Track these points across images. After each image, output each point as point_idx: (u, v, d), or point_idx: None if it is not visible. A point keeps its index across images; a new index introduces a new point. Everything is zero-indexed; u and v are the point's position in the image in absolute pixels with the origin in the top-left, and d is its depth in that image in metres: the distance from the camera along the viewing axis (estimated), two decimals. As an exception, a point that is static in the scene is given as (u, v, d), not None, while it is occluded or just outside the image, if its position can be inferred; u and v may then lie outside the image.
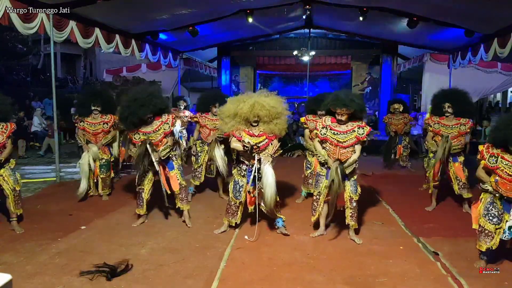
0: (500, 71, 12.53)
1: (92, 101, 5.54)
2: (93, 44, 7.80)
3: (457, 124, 5.09)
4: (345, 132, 4.04)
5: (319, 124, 4.19)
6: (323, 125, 4.15)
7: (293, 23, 11.36)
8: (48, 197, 5.77)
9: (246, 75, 14.98)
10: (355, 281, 3.22)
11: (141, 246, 3.92)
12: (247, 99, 4.06)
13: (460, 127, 5.08)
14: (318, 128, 4.17)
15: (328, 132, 4.10)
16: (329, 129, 4.10)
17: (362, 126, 4.03)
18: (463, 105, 5.10)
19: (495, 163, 3.37)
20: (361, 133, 4.01)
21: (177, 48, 11.52)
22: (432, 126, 5.24)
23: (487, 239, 3.41)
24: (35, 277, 3.21)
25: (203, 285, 3.13)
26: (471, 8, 7.23)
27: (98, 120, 5.60)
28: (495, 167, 3.37)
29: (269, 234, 4.27)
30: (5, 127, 4.15)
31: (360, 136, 4.01)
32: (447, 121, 5.14)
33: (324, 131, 4.12)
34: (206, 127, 5.83)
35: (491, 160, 3.40)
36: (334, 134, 4.06)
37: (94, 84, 16.21)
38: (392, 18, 9.00)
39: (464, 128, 5.08)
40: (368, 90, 14.50)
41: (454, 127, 5.09)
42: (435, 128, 5.21)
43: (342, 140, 4.03)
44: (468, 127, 5.09)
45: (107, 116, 5.65)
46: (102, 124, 5.60)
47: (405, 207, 5.31)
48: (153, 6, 7.69)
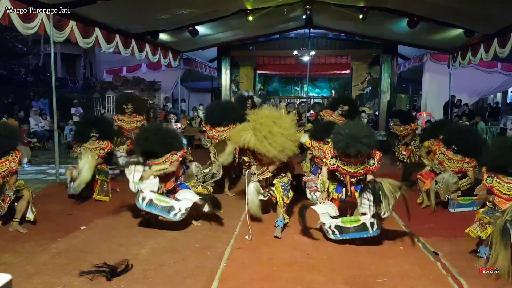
0: (500, 71, 12.55)
1: (91, 129, 5.69)
2: (93, 44, 7.80)
3: (461, 161, 5.27)
4: (355, 164, 3.98)
5: (328, 153, 4.10)
6: (332, 155, 4.06)
7: (293, 23, 11.35)
8: (48, 197, 5.77)
9: (246, 75, 14.98)
10: (355, 281, 3.22)
11: (141, 246, 3.92)
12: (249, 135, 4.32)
13: (463, 164, 5.27)
14: (327, 158, 4.09)
15: (338, 162, 4.04)
16: (339, 159, 4.03)
17: (373, 156, 3.95)
18: (470, 146, 5.19)
19: (491, 183, 3.62)
20: (372, 164, 3.96)
21: (177, 48, 11.52)
22: (438, 155, 5.46)
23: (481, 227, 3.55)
24: (35, 277, 3.21)
25: (203, 285, 3.13)
26: (471, 8, 7.23)
27: (95, 146, 5.75)
28: (491, 186, 3.62)
29: (269, 234, 4.27)
30: (15, 155, 4.42)
31: (371, 167, 3.97)
32: (452, 155, 5.33)
33: (334, 161, 4.05)
34: (213, 138, 6.00)
35: (488, 180, 3.65)
36: (344, 165, 4.01)
37: (94, 84, 16.22)
38: (392, 18, 9.00)
39: (466, 166, 5.27)
40: (368, 90, 14.50)
41: (458, 163, 5.29)
42: (439, 158, 5.42)
43: (353, 171, 3.99)
44: (470, 166, 5.25)
45: (104, 142, 5.80)
46: (99, 150, 5.74)
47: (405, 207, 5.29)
48: (153, 6, 7.68)
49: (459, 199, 5.26)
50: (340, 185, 4.18)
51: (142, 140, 4.45)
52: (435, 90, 12.68)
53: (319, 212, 3.96)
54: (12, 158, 4.40)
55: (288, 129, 4.32)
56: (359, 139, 3.73)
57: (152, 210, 4.26)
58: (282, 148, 4.22)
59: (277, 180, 4.51)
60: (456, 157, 5.29)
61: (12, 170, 4.38)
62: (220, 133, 5.91)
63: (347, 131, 3.83)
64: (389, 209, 3.73)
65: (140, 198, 4.25)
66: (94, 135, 5.69)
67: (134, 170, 4.41)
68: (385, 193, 3.71)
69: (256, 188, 4.42)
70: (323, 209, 3.96)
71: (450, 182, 5.21)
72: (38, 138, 11.11)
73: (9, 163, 4.36)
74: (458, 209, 5.28)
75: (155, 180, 4.36)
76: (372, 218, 3.79)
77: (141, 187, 4.30)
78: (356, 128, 3.86)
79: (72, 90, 18.54)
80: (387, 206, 3.71)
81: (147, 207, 4.25)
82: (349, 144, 3.75)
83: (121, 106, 7.05)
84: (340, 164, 4.02)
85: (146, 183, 4.31)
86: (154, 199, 4.25)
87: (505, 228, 3.24)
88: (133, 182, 4.35)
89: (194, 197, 4.34)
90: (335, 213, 3.98)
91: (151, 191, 4.29)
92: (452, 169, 5.28)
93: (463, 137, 5.25)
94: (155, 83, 14.36)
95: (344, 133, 3.83)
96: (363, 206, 3.82)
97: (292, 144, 4.32)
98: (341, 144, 3.81)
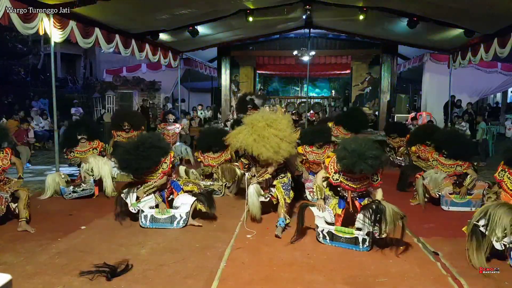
0: (500, 71, 12.55)
1: (77, 132, 5.80)
2: (93, 44, 7.79)
3: (454, 164, 5.38)
4: (358, 179, 3.96)
5: (331, 168, 4.04)
6: (335, 170, 4.02)
7: (293, 23, 11.35)
8: (48, 197, 5.76)
9: (246, 75, 14.97)
10: (355, 281, 3.22)
11: (141, 246, 3.92)
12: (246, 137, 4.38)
13: (456, 167, 5.40)
14: (330, 173, 4.05)
15: (341, 178, 4.01)
16: (342, 174, 4.00)
17: (376, 172, 3.92)
18: (459, 150, 5.35)
19: (502, 177, 3.76)
20: (375, 180, 3.95)
21: (177, 48, 11.51)
22: (431, 161, 5.61)
23: None
24: (35, 277, 3.21)
25: (203, 285, 3.13)
26: (471, 8, 7.23)
27: (87, 147, 5.87)
28: (501, 180, 3.76)
29: (269, 234, 4.27)
30: (5, 152, 4.52)
31: (375, 183, 3.96)
32: (444, 160, 5.44)
33: (337, 176, 4.02)
34: (210, 166, 6.17)
35: (501, 173, 3.80)
36: (347, 180, 3.99)
37: (94, 84, 16.22)
38: (392, 18, 9.00)
39: (460, 169, 5.38)
40: (368, 90, 14.49)
41: (451, 167, 5.40)
42: (433, 164, 5.56)
43: (356, 186, 3.98)
44: (464, 168, 5.36)
45: (94, 142, 5.92)
46: (92, 150, 5.86)
47: (404, 207, 5.29)
48: (153, 6, 7.68)
49: (452, 197, 5.27)
50: (342, 198, 4.15)
51: (128, 163, 4.38)
52: (435, 90, 12.67)
53: (315, 214, 3.98)
54: (3, 155, 4.47)
55: (283, 130, 4.38)
56: (365, 158, 3.64)
57: (157, 226, 4.40)
58: (276, 149, 4.27)
59: (278, 181, 4.55)
60: (448, 161, 5.41)
61: (5, 167, 4.44)
62: (215, 160, 6.14)
63: (353, 147, 3.72)
64: (384, 232, 3.71)
65: (142, 217, 4.41)
66: (82, 137, 5.80)
67: (130, 192, 4.49)
68: (386, 217, 3.66)
69: (257, 190, 4.45)
70: (321, 212, 3.97)
71: (438, 178, 5.26)
72: (38, 138, 11.10)
73: (0, 160, 4.42)
74: (452, 207, 5.27)
75: (151, 196, 4.48)
76: (366, 235, 3.81)
77: (140, 207, 4.42)
78: (363, 146, 3.71)
79: (72, 90, 18.54)
80: (384, 229, 3.69)
81: (152, 225, 4.40)
82: (356, 163, 3.65)
83: (118, 124, 7.14)
84: (343, 179, 4.00)
85: (143, 201, 4.43)
86: (154, 215, 4.41)
87: (474, 230, 3.45)
88: (132, 204, 4.44)
89: (191, 200, 4.43)
90: (331, 219, 3.99)
91: (150, 208, 4.44)
92: (447, 173, 5.38)
93: (452, 142, 5.36)
94: (155, 83, 14.36)
95: (350, 150, 3.72)
96: (360, 221, 3.83)
97: (288, 145, 4.37)
98: (347, 161, 3.73)
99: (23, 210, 4.37)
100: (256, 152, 4.31)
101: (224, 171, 5.78)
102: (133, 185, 4.56)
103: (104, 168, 5.65)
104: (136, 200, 4.47)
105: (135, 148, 4.38)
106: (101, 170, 5.63)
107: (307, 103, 13.93)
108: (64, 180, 5.79)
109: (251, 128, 4.40)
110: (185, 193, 4.60)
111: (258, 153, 4.30)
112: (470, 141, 5.97)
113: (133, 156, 4.32)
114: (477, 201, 5.24)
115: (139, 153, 4.32)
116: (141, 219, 4.42)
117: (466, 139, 5.79)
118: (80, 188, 5.67)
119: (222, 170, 5.86)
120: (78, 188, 5.67)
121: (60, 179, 5.74)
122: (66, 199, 5.63)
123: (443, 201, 5.30)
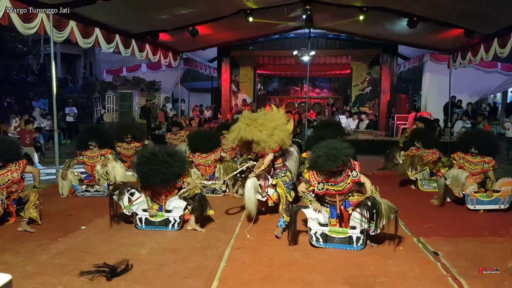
0: (500, 71, 12.56)
1: (89, 139, 6.00)
2: (93, 44, 7.80)
3: (481, 162, 5.41)
4: (341, 181, 4.00)
5: (313, 180, 4.06)
6: (318, 181, 4.04)
7: (293, 23, 11.35)
8: (48, 197, 5.76)
9: (246, 75, 14.98)
10: (355, 281, 3.22)
11: (141, 246, 3.92)
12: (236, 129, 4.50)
13: (483, 164, 5.41)
14: (314, 185, 4.05)
15: (326, 186, 4.03)
16: (325, 182, 4.02)
17: (353, 168, 4.00)
18: (488, 146, 5.43)
19: None
20: (355, 176, 4.00)
21: (177, 48, 11.52)
22: (457, 161, 5.55)
23: None
24: (35, 277, 3.21)
25: (203, 285, 3.13)
26: (471, 8, 7.23)
27: (96, 153, 6.05)
28: None
29: (269, 234, 4.27)
30: (18, 165, 4.62)
31: (355, 178, 4.01)
32: (471, 158, 5.47)
33: (321, 185, 4.03)
34: (201, 165, 6.22)
35: None
36: (332, 185, 4.01)
37: (94, 84, 16.23)
38: (392, 18, 9.00)
39: (487, 166, 5.40)
40: (368, 90, 14.50)
41: (478, 164, 5.42)
42: (459, 163, 5.52)
43: (341, 188, 4.00)
44: (491, 166, 5.39)
45: (104, 150, 6.08)
46: (100, 157, 6.02)
47: (404, 207, 5.28)
48: (153, 6, 7.69)
49: (478, 195, 5.11)
50: (332, 207, 4.13)
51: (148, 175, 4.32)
52: (435, 90, 12.68)
53: (308, 216, 3.97)
54: (15, 168, 4.54)
55: (278, 119, 4.49)
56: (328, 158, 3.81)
57: (152, 229, 4.38)
58: (270, 133, 4.36)
59: (278, 180, 4.54)
60: (475, 159, 5.43)
61: (15, 180, 4.53)
62: (205, 159, 6.20)
63: (322, 148, 3.92)
64: (379, 228, 3.76)
65: (137, 220, 4.42)
66: (91, 144, 5.98)
67: (121, 194, 4.44)
68: (382, 212, 3.72)
69: (254, 185, 4.43)
70: (314, 214, 3.97)
71: (461, 177, 5.20)
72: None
73: (11, 173, 4.50)
74: (479, 206, 5.10)
75: (142, 198, 4.44)
76: (360, 233, 3.82)
77: (133, 209, 4.41)
78: (330, 144, 3.92)
79: (72, 90, 18.55)
80: (379, 224, 3.74)
81: (147, 227, 4.40)
82: (326, 158, 3.80)
83: (120, 135, 7.20)
84: (328, 186, 4.03)
85: (136, 204, 4.41)
86: (148, 217, 4.40)
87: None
88: (125, 207, 4.42)
89: (183, 204, 4.41)
90: (325, 220, 3.99)
91: (143, 210, 4.42)
92: (474, 171, 5.36)
93: (481, 139, 5.42)
94: (155, 83, 14.36)
95: (319, 151, 3.91)
96: (355, 220, 3.84)
97: (281, 132, 4.44)
98: (320, 160, 3.86)
99: (27, 210, 4.39)
100: (250, 135, 4.38)
101: (226, 169, 5.89)
102: (123, 187, 4.50)
103: (119, 172, 5.80)
104: (128, 204, 4.43)
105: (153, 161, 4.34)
106: (117, 175, 5.76)
107: (307, 103, 13.93)
108: (77, 178, 6.01)
109: (244, 119, 4.55)
110: (176, 196, 4.55)
111: (252, 136, 4.37)
112: (497, 138, 6.13)
113: (154, 169, 4.29)
114: (505, 197, 5.07)
115: (157, 165, 4.30)
116: (137, 222, 4.43)
117: (494, 136, 5.93)
118: (94, 188, 5.90)
119: (223, 168, 5.97)
120: (91, 188, 5.91)
121: (73, 177, 5.95)
122: (78, 196, 5.88)
123: (468, 200, 5.13)
